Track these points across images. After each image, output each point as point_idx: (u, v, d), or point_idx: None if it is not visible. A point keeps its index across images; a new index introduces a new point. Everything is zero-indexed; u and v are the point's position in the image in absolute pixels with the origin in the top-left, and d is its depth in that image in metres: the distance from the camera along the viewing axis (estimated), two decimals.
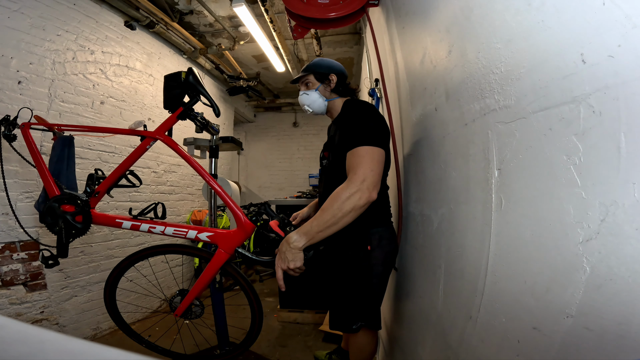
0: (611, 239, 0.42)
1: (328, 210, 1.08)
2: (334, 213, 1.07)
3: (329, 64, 1.52)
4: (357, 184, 1.07)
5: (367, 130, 1.16)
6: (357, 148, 1.13)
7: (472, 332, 0.75)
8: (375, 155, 1.12)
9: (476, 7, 0.74)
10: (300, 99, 1.50)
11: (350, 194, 1.06)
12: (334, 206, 1.07)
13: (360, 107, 1.27)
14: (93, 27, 2.73)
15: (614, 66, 0.41)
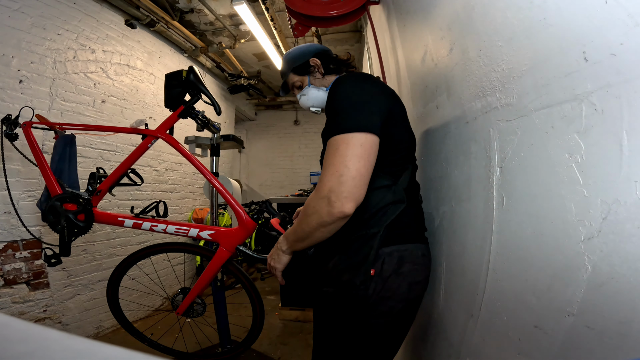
0: (613, 237, 0.41)
1: (300, 222, 0.89)
2: (302, 228, 0.88)
3: (301, 51, 1.21)
4: (321, 192, 0.80)
5: (341, 111, 0.85)
6: (330, 139, 0.84)
7: (474, 330, 0.75)
8: (352, 145, 0.79)
9: (477, 4, 0.74)
10: (301, 104, 1.22)
11: (314, 208, 0.82)
12: (302, 220, 0.87)
13: (339, 83, 0.91)
14: (94, 26, 2.73)
15: (616, 64, 0.41)
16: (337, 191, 0.78)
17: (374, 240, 0.87)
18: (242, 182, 6.36)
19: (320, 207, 0.81)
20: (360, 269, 0.87)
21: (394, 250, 0.88)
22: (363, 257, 0.87)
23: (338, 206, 0.78)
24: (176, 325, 2.34)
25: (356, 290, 0.86)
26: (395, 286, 0.87)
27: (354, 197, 0.78)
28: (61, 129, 1.73)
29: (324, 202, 0.79)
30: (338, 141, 0.81)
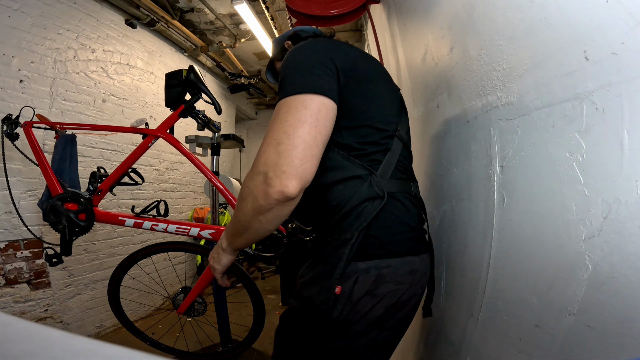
0: (613, 236, 0.41)
1: (235, 211, 0.71)
2: (238, 217, 0.70)
3: (280, 37, 1.11)
4: (256, 167, 0.64)
5: (284, 79, 0.69)
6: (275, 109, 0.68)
7: (474, 329, 0.75)
8: (293, 108, 0.63)
9: (478, 4, 0.74)
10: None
11: (249, 188, 0.65)
12: (237, 206, 0.70)
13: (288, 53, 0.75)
14: (94, 25, 2.73)
15: (617, 63, 0.41)
16: (275, 164, 0.60)
17: (345, 249, 0.67)
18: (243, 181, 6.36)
19: (255, 186, 0.63)
20: (323, 285, 0.68)
21: (372, 267, 0.68)
22: (329, 270, 0.68)
23: (276, 184, 0.60)
24: (177, 325, 2.35)
25: (316, 311, 0.68)
26: (367, 309, 0.68)
27: (297, 173, 0.60)
28: (62, 129, 1.73)
29: (260, 180, 0.62)
30: (278, 107, 0.66)
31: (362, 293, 0.68)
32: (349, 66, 0.72)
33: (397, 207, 0.73)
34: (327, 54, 0.72)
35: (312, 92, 0.65)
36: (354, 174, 0.72)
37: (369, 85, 0.75)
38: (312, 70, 0.68)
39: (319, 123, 0.64)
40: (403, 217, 0.73)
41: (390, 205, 0.71)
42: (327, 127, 0.66)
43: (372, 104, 0.75)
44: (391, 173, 0.73)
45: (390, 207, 0.71)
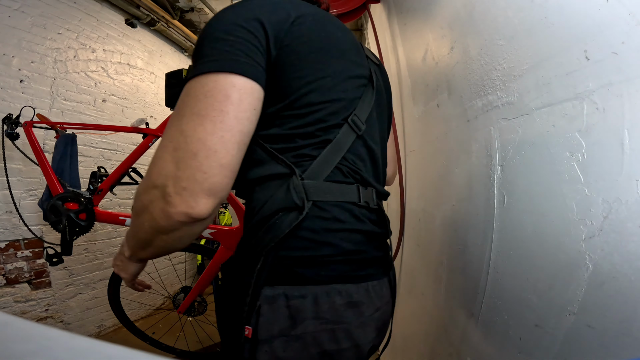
0: (614, 236, 0.41)
1: (132, 222, 0.55)
2: (136, 232, 0.55)
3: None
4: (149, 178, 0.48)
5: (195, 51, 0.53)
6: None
7: (474, 329, 0.75)
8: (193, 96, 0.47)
9: (478, 3, 0.74)
10: None
11: (142, 203, 0.49)
12: (133, 219, 0.54)
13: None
14: (94, 25, 2.73)
15: (618, 63, 0.41)
16: (174, 178, 0.45)
17: (253, 273, 0.51)
18: None
19: (150, 202, 0.47)
20: (232, 323, 0.53)
21: (280, 295, 0.50)
22: (239, 302, 0.52)
23: (177, 204, 0.45)
24: (178, 324, 2.35)
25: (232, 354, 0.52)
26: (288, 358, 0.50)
27: (202, 190, 0.45)
28: (62, 128, 1.73)
29: (156, 195, 0.47)
30: (185, 90, 0.49)
31: (272, 333, 0.49)
32: (286, 32, 0.53)
33: (324, 221, 0.54)
34: (255, 15, 0.51)
35: (220, 71, 0.47)
36: (272, 172, 0.54)
37: (315, 57, 0.55)
38: (227, 40, 0.49)
39: (228, 116, 0.46)
40: (329, 236, 0.53)
41: (313, 219, 0.53)
42: (243, 120, 0.47)
43: (313, 84, 0.55)
44: (328, 174, 0.55)
45: (312, 222, 0.53)
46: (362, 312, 0.55)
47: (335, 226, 0.54)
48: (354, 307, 0.54)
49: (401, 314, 1.57)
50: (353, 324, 0.53)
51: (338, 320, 0.52)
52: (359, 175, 0.59)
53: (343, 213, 0.55)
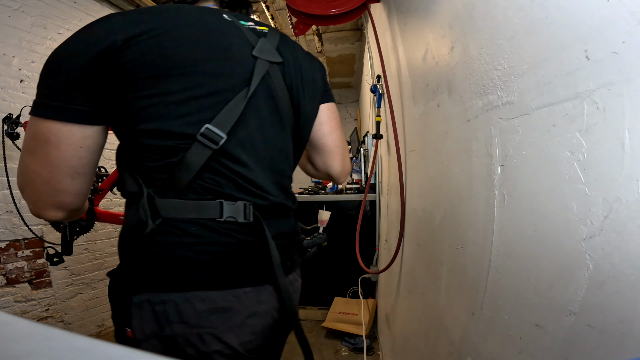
0: (614, 235, 0.41)
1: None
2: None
3: None
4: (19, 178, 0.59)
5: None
6: None
7: (475, 328, 0.75)
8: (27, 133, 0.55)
9: (479, 3, 0.74)
10: None
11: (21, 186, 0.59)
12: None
13: None
14: None
15: (618, 62, 0.41)
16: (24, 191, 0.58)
17: (123, 281, 0.59)
18: None
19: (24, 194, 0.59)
20: (118, 324, 0.60)
21: (145, 301, 0.56)
22: (118, 306, 0.60)
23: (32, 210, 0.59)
24: None
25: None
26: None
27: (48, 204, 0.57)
28: None
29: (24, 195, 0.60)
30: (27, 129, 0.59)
31: (146, 333, 0.56)
32: (113, 62, 0.53)
33: (175, 237, 0.57)
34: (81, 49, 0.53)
35: (39, 117, 0.52)
36: (130, 190, 0.59)
37: (145, 84, 0.55)
38: (52, 78, 0.52)
39: (51, 156, 0.53)
40: (180, 250, 0.57)
41: (164, 235, 0.57)
42: (68, 158, 0.54)
43: (146, 111, 0.56)
44: (182, 193, 0.59)
45: (163, 237, 0.57)
46: (229, 317, 0.59)
47: (187, 240, 0.58)
48: (219, 312, 0.58)
49: (401, 313, 1.57)
50: (220, 328, 0.58)
51: (203, 325, 0.57)
52: (217, 191, 0.61)
53: (198, 228, 0.59)
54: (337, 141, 0.87)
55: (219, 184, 0.61)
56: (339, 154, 0.88)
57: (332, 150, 0.86)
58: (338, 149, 0.87)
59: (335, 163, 0.88)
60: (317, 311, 2.97)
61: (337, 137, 0.87)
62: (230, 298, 0.60)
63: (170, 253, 0.57)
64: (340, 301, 2.82)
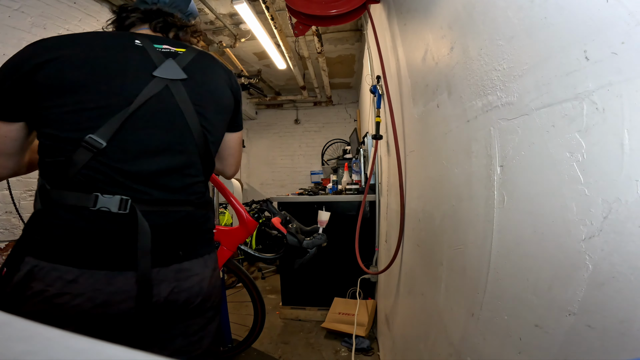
0: (614, 236, 0.41)
1: None
2: None
3: None
4: None
5: None
6: None
7: (474, 329, 0.75)
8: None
9: (478, 3, 0.74)
10: None
11: None
12: None
13: None
14: (94, 25, 2.73)
15: (618, 63, 0.41)
16: None
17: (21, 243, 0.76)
18: (243, 181, 6.36)
19: None
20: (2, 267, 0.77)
21: (27, 263, 0.73)
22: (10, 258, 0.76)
23: None
24: None
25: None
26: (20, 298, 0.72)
27: None
28: None
29: None
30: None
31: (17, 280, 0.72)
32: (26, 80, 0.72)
33: (51, 219, 0.74)
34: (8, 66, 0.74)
35: None
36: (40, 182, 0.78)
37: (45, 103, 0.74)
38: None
39: None
40: (53, 230, 0.74)
41: (46, 217, 0.74)
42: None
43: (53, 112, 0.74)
44: (67, 185, 0.74)
45: (45, 219, 0.75)
46: (83, 288, 0.72)
47: (61, 222, 0.74)
48: (73, 284, 0.72)
49: (401, 314, 1.57)
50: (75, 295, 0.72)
51: (61, 290, 0.71)
52: (96, 186, 0.75)
53: (73, 215, 0.74)
54: (235, 157, 1.13)
55: (98, 180, 0.75)
56: (234, 164, 1.14)
57: (229, 161, 1.11)
58: (234, 159, 1.12)
59: (228, 169, 1.14)
60: (317, 312, 2.97)
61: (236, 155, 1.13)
62: (86, 275, 0.73)
63: (48, 231, 0.73)
64: (339, 302, 2.82)
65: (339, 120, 6.49)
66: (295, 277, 3.01)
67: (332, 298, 2.87)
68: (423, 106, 1.19)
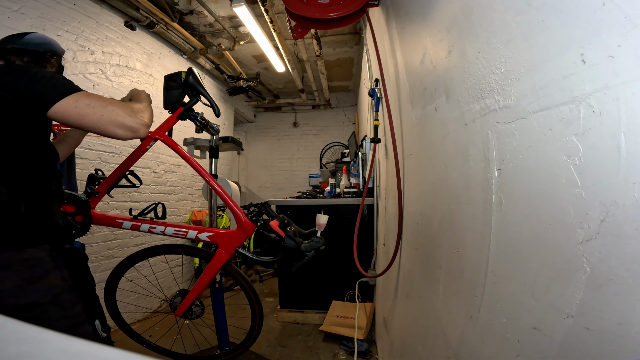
0: (611, 239, 0.42)
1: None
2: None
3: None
4: None
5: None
6: None
7: (473, 332, 0.75)
8: None
9: (476, 7, 0.74)
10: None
11: None
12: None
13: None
14: (93, 27, 2.73)
15: (614, 66, 0.41)
16: None
17: None
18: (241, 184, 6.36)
19: None
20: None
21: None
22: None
23: None
24: (175, 327, 2.34)
25: None
26: None
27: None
28: (59, 130, 1.73)
29: None
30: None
31: None
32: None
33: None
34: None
35: None
36: None
37: None
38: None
39: None
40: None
41: None
42: None
43: None
44: None
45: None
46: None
47: None
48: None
49: (399, 317, 1.57)
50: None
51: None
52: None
53: None
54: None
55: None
56: None
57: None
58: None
59: None
60: (315, 315, 2.96)
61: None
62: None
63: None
64: (338, 305, 2.81)
65: (338, 124, 6.50)
66: (294, 280, 3.00)
67: (330, 301, 2.86)
68: (421, 109, 1.19)
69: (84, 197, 1.53)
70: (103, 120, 0.97)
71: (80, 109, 0.96)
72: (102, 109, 0.96)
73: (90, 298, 1.76)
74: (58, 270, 0.99)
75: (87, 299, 1.71)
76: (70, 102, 0.96)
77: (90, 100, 0.96)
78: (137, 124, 1.02)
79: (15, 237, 0.92)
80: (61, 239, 1.14)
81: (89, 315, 1.07)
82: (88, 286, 1.78)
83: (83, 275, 1.76)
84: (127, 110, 1.02)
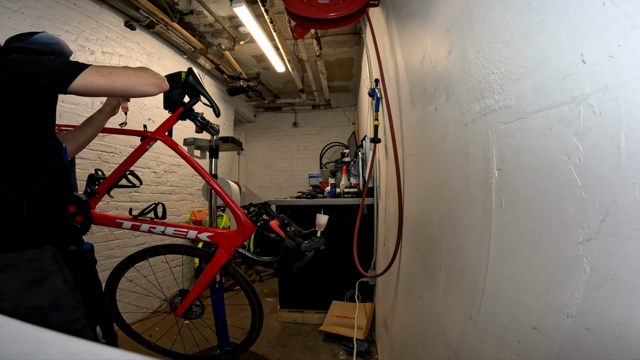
0: (611, 239, 0.42)
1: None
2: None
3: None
4: None
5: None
6: None
7: (473, 332, 0.75)
8: None
9: (476, 7, 0.74)
10: None
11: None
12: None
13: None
14: (93, 27, 2.73)
15: (614, 66, 0.41)
16: None
17: None
18: (241, 184, 6.36)
19: None
20: None
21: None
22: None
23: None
24: (175, 327, 2.34)
25: None
26: None
27: None
28: (59, 131, 1.73)
29: None
30: None
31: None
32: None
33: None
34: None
35: None
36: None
37: None
38: None
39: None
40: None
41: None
42: None
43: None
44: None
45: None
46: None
47: None
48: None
49: (399, 317, 1.57)
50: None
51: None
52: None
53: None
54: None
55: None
56: None
57: None
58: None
59: None
60: (315, 315, 2.96)
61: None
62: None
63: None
64: (338, 305, 2.81)
65: (338, 124, 6.50)
66: (293, 280, 3.00)
67: (330, 301, 2.86)
68: (421, 109, 1.19)
69: (84, 197, 1.53)
70: (132, 82, 1.04)
71: (106, 77, 1.01)
72: (123, 73, 1.03)
73: (94, 303, 1.76)
74: (61, 273, 0.97)
75: (90, 304, 1.71)
76: (92, 72, 0.99)
77: (108, 68, 1.02)
78: (159, 79, 1.12)
79: (17, 237, 0.89)
80: (67, 239, 1.12)
81: (91, 321, 1.05)
82: (93, 291, 1.77)
83: (89, 279, 1.75)
84: (143, 71, 1.09)
